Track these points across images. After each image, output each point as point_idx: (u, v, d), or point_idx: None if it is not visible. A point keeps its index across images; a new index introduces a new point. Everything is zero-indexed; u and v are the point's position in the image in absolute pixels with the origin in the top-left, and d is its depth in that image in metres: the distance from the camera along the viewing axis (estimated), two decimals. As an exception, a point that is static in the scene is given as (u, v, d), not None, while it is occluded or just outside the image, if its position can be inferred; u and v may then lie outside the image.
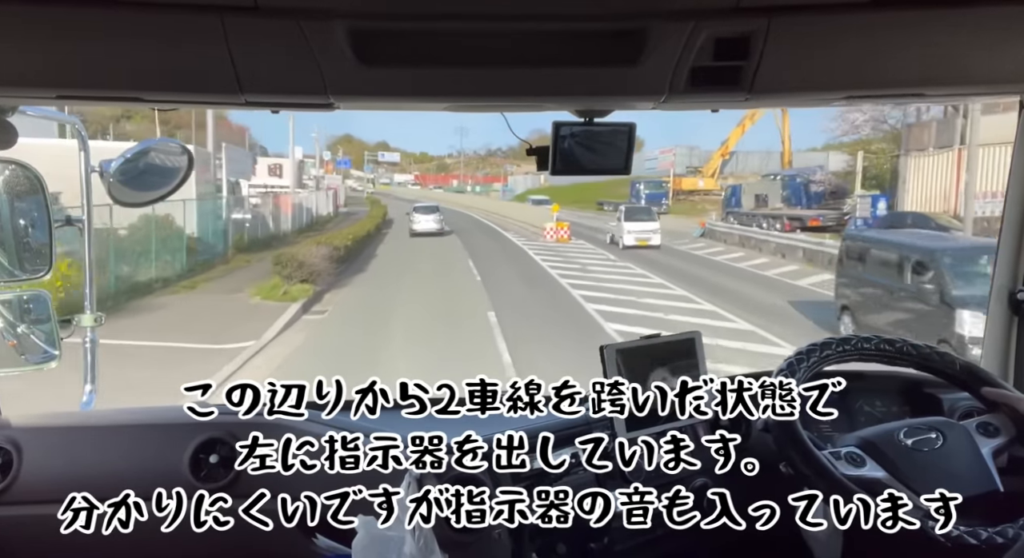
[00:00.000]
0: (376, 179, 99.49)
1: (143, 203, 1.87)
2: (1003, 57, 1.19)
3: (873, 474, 1.37)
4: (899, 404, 1.78)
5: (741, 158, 48.87)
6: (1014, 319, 1.76)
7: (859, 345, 1.53)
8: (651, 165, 54.11)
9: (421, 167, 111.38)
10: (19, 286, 1.71)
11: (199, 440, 1.44)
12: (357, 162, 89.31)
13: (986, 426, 1.43)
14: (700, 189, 45.55)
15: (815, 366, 1.48)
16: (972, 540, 1.24)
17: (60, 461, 1.46)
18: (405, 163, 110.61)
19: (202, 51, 1.09)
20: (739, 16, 1.08)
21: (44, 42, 1.07)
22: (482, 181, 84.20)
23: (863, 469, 1.37)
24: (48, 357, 1.73)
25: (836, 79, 1.21)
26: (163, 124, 35.49)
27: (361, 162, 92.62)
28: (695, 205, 42.06)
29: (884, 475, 1.37)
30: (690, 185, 46.55)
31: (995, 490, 1.34)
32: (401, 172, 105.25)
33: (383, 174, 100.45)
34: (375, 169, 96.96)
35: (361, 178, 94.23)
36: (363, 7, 1.06)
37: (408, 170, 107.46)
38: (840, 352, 1.52)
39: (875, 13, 1.09)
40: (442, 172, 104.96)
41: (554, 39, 1.14)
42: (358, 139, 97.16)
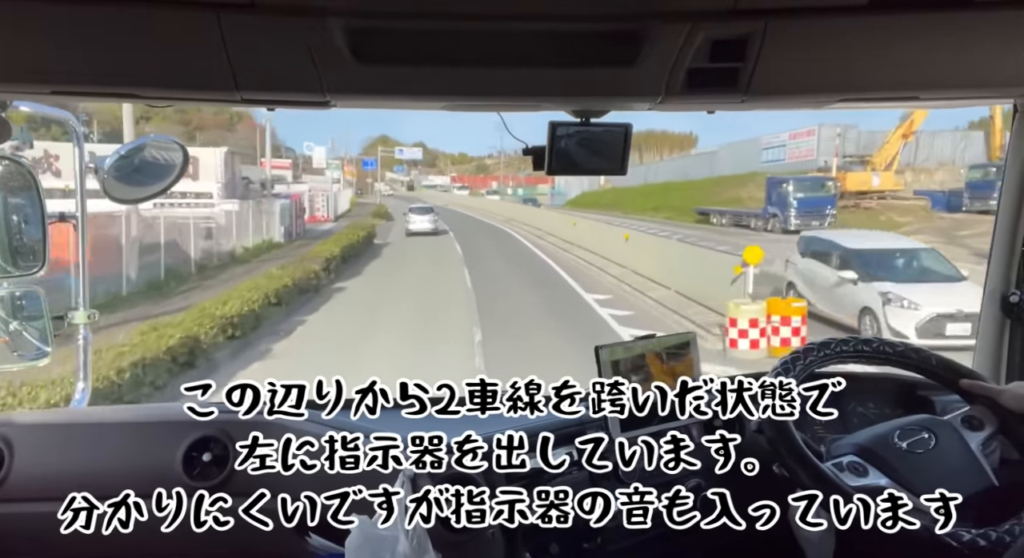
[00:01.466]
0: (414, 181, 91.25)
1: (138, 200, 1.86)
2: (999, 61, 1.20)
3: (877, 483, 1.37)
4: (891, 405, 1.78)
5: (923, 141, 32.46)
6: (1006, 321, 1.77)
7: (838, 348, 1.54)
8: (774, 156, 37.05)
9: (459, 168, 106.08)
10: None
11: (192, 438, 1.44)
12: (389, 163, 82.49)
13: (970, 420, 1.44)
14: (874, 189, 29.14)
15: (810, 366, 1.49)
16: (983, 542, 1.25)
17: (52, 459, 1.45)
18: (442, 164, 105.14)
19: (198, 48, 1.09)
20: (736, 18, 1.09)
21: (39, 38, 1.07)
22: (525, 182, 72.14)
23: (867, 479, 1.37)
24: (40, 354, 1.72)
25: (832, 82, 1.21)
26: (183, 125, 34.58)
27: (399, 164, 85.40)
28: (874, 214, 26.97)
29: (887, 481, 1.37)
30: (859, 183, 29.40)
31: (991, 486, 1.35)
32: (438, 174, 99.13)
33: (416, 175, 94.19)
34: (408, 170, 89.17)
35: (394, 181, 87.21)
36: (360, 5, 1.06)
37: (445, 171, 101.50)
38: (822, 356, 1.53)
39: (872, 16, 1.10)
40: (481, 173, 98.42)
41: (551, 39, 1.14)
42: (394, 139, 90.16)
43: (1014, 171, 1.70)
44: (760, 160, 37.38)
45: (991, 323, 1.79)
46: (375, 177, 73.24)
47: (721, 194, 33.30)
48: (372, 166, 68.57)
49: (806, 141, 35.19)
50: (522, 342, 9.64)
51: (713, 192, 33.44)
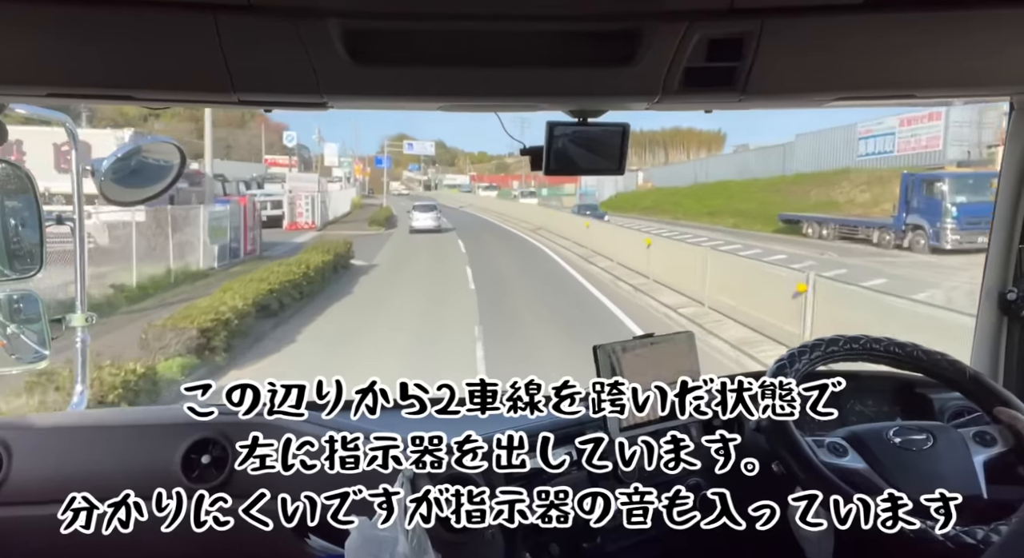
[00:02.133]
0: (434, 180, 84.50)
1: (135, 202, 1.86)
2: (994, 59, 1.20)
3: (853, 465, 1.37)
4: (890, 403, 1.79)
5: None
6: (1004, 319, 1.77)
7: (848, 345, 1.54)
8: (877, 147, 28.85)
9: (479, 167, 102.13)
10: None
11: (191, 440, 1.44)
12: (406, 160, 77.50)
13: (983, 435, 1.42)
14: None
15: (807, 366, 1.49)
16: (969, 539, 1.25)
17: (51, 462, 1.45)
18: (461, 163, 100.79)
19: (195, 49, 1.08)
20: (733, 17, 1.09)
21: (35, 39, 1.06)
22: (548, 182, 63.80)
23: (843, 459, 1.38)
24: (38, 357, 1.72)
25: (829, 80, 1.22)
26: (193, 121, 33.50)
27: (415, 161, 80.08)
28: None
29: (864, 467, 1.37)
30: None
31: (977, 495, 1.34)
32: (457, 172, 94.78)
33: (434, 174, 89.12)
34: (423, 167, 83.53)
35: (411, 180, 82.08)
36: (357, 6, 1.06)
37: (464, 170, 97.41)
38: (831, 352, 1.53)
39: (868, 15, 1.10)
40: (501, 172, 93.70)
41: (548, 39, 1.14)
42: (411, 137, 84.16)
43: (1011, 168, 1.70)
44: (857, 154, 29.22)
45: (989, 321, 1.79)
46: (391, 175, 68.89)
47: (804, 196, 25.36)
48: (383, 164, 61.24)
49: (926, 127, 26.22)
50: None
51: (791, 193, 25.23)
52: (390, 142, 69.20)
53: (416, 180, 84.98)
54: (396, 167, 74.62)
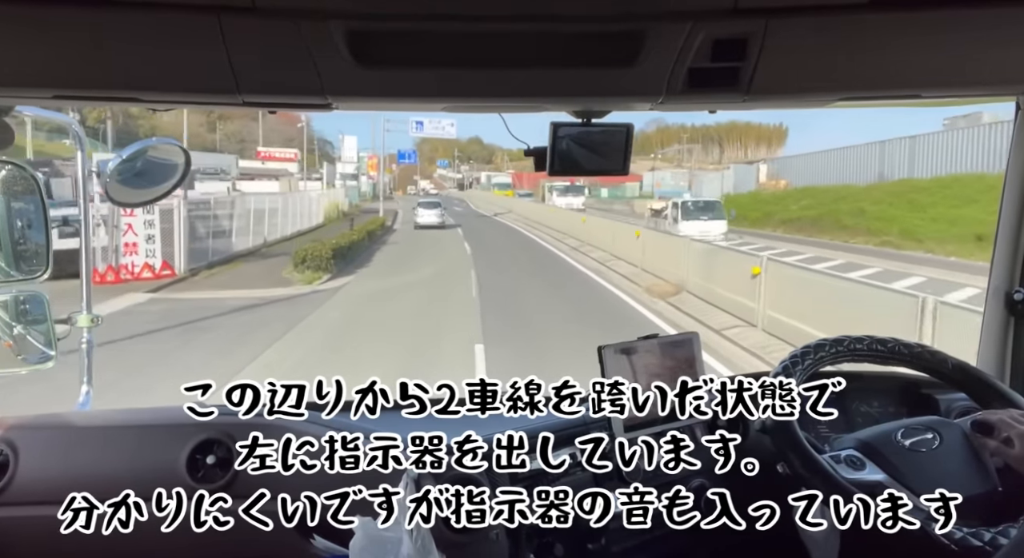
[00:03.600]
0: (466, 180, 76.87)
1: (141, 203, 1.87)
2: (1001, 59, 1.19)
3: (873, 477, 1.37)
4: (896, 404, 1.78)
5: None
6: (1010, 319, 1.77)
7: (852, 346, 1.54)
8: None
9: (518, 165, 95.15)
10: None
11: (196, 441, 1.44)
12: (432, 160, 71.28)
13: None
14: None
15: (810, 368, 1.49)
16: (975, 541, 1.24)
17: (57, 462, 1.46)
18: (499, 160, 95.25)
19: (199, 51, 1.09)
20: (736, 17, 1.08)
21: (40, 42, 1.07)
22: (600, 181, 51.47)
23: (863, 472, 1.37)
24: (44, 358, 1.73)
25: (834, 80, 1.21)
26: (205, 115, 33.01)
27: (450, 159, 72.72)
28: None
29: (884, 477, 1.37)
30: None
31: (994, 489, 1.35)
32: (495, 170, 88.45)
33: (468, 171, 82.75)
34: (453, 164, 77.55)
35: (443, 177, 76.93)
36: (360, 8, 1.06)
37: (502, 167, 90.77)
38: (834, 353, 1.53)
39: (872, 15, 1.09)
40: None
41: (552, 40, 1.14)
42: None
43: (1017, 168, 1.69)
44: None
45: (995, 321, 1.78)
46: (419, 172, 61.92)
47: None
48: (408, 159, 52.38)
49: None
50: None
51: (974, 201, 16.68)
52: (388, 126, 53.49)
53: (449, 178, 78.58)
54: (428, 165, 67.24)
